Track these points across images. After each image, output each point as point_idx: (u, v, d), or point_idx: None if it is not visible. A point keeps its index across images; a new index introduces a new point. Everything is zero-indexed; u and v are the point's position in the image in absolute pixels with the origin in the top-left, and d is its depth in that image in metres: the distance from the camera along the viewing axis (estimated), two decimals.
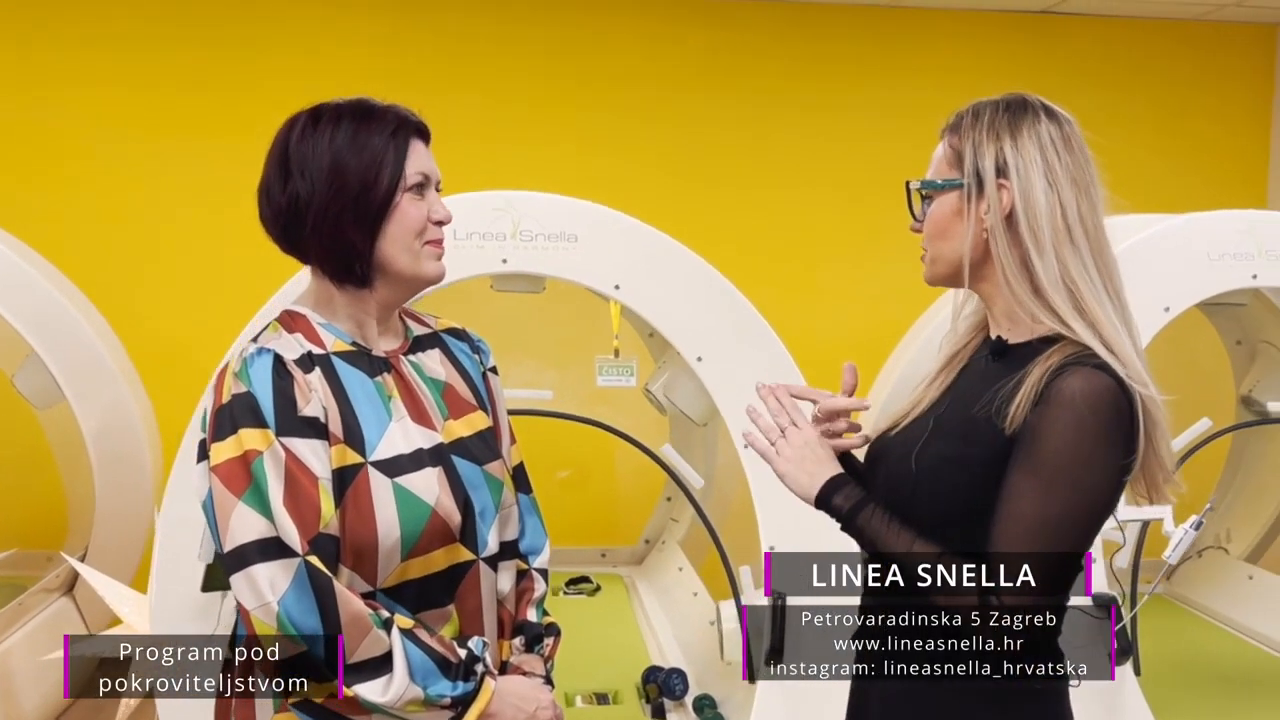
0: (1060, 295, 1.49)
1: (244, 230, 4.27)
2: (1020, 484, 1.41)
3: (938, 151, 1.58)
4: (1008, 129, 1.53)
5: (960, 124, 1.56)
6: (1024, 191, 1.51)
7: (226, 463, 1.35)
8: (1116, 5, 4.11)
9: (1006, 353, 1.54)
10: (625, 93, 4.16)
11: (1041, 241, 1.50)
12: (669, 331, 2.53)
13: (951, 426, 1.51)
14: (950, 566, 1.42)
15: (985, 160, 1.52)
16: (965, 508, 1.46)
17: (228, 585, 2.14)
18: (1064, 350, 1.47)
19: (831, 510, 1.48)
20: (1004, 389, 1.47)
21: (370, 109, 1.46)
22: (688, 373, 2.57)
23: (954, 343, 1.67)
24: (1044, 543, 1.40)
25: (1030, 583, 1.40)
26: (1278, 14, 4.20)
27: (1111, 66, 4.29)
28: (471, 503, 1.45)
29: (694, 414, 2.62)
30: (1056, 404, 1.41)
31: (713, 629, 2.97)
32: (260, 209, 1.48)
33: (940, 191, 1.55)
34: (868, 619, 1.62)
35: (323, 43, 4.07)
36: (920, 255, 1.67)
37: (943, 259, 1.56)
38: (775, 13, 4.16)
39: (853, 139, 4.23)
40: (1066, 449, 1.40)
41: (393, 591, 1.41)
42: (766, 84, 4.19)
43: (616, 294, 2.55)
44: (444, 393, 1.52)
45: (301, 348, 1.43)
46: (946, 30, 4.21)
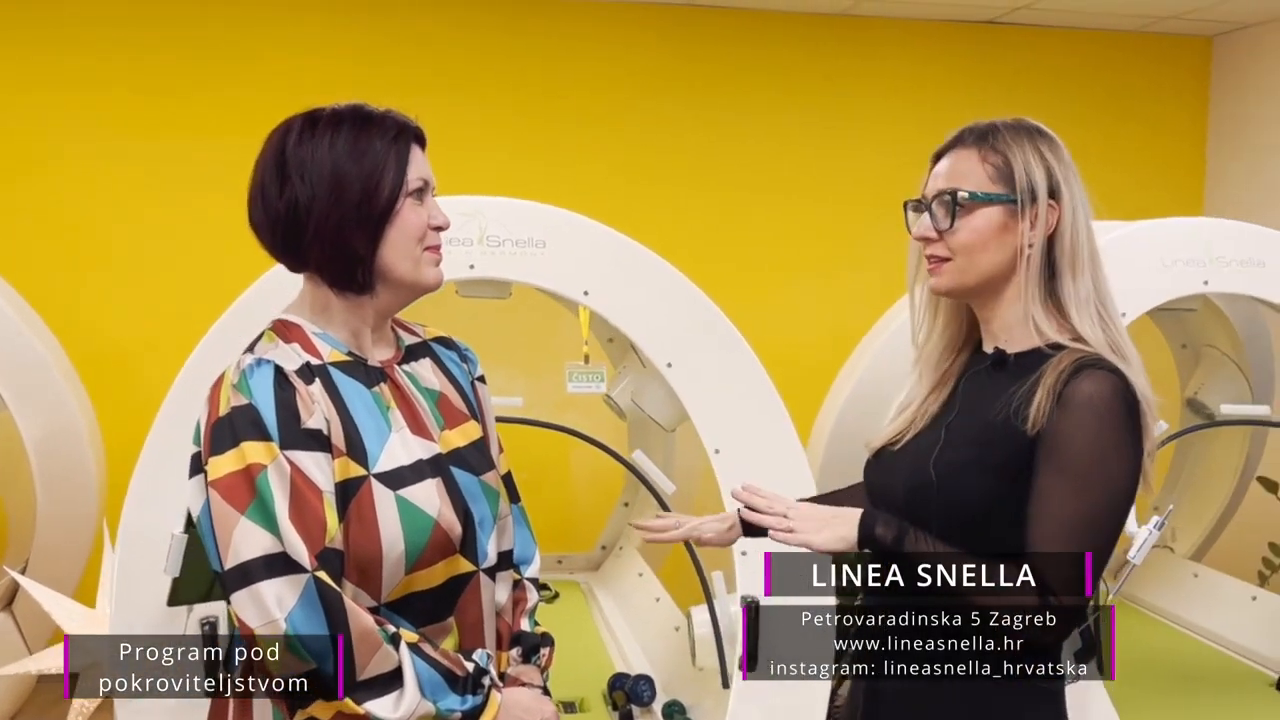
0: (1085, 314, 1.54)
1: (194, 234, 4.21)
2: (1051, 485, 1.45)
3: (965, 164, 1.58)
4: (1050, 151, 1.58)
5: (995, 139, 1.58)
6: (1071, 214, 1.55)
7: (228, 477, 1.31)
8: (1060, 17, 4.19)
9: (1007, 362, 1.58)
10: (593, 99, 4.15)
11: (1078, 263, 1.55)
12: (638, 337, 2.52)
13: (967, 434, 1.54)
14: (1004, 571, 1.44)
15: (1038, 178, 1.55)
16: (987, 509, 1.49)
17: (196, 599, 2.10)
18: (1073, 354, 1.51)
19: (876, 542, 1.48)
20: (1019, 393, 1.50)
21: (369, 114, 1.44)
22: (657, 379, 2.56)
23: (935, 362, 1.69)
24: (1081, 539, 1.44)
25: (1079, 578, 1.44)
26: (1213, 26, 4.31)
27: (1055, 76, 4.37)
28: (471, 514, 1.43)
29: (663, 420, 2.62)
30: (1076, 406, 1.45)
31: (679, 634, 2.97)
32: (252, 214, 1.44)
33: (986, 204, 1.57)
34: (867, 619, 1.63)
35: (278, 47, 4.00)
36: (917, 261, 1.68)
37: (976, 270, 1.58)
38: (738, 20, 4.18)
39: (812, 145, 4.27)
40: (1092, 448, 1.44)
41: (396, 605, 1.38)
42: (729, 91, 4.21)
43: (585, 300, 2.53)
44: (438, 402, 1.50)
45: (300, 358, 1.40)
46: (898, 39, 4.26)
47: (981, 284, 1.59)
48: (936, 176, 1.62)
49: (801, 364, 3.25)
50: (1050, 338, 1.55)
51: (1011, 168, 1.55)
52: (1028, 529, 1.46)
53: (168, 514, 2.23)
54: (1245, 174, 4.34)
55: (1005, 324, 1.59)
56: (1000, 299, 1.59)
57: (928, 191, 1.63)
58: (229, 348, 2.37)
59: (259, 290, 2.41)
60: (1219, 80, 4.45)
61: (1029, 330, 1.57)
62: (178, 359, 2.39)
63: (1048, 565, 1.43)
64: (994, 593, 1.44)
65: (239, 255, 3.82)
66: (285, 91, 3.92)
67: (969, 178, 1.58)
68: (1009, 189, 1.55)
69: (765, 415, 2.51)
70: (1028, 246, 1.55)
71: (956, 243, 1.58)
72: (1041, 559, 1.44)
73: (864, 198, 4.26)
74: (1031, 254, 1.55)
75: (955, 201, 1.56)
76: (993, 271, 1.57)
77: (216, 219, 3.81)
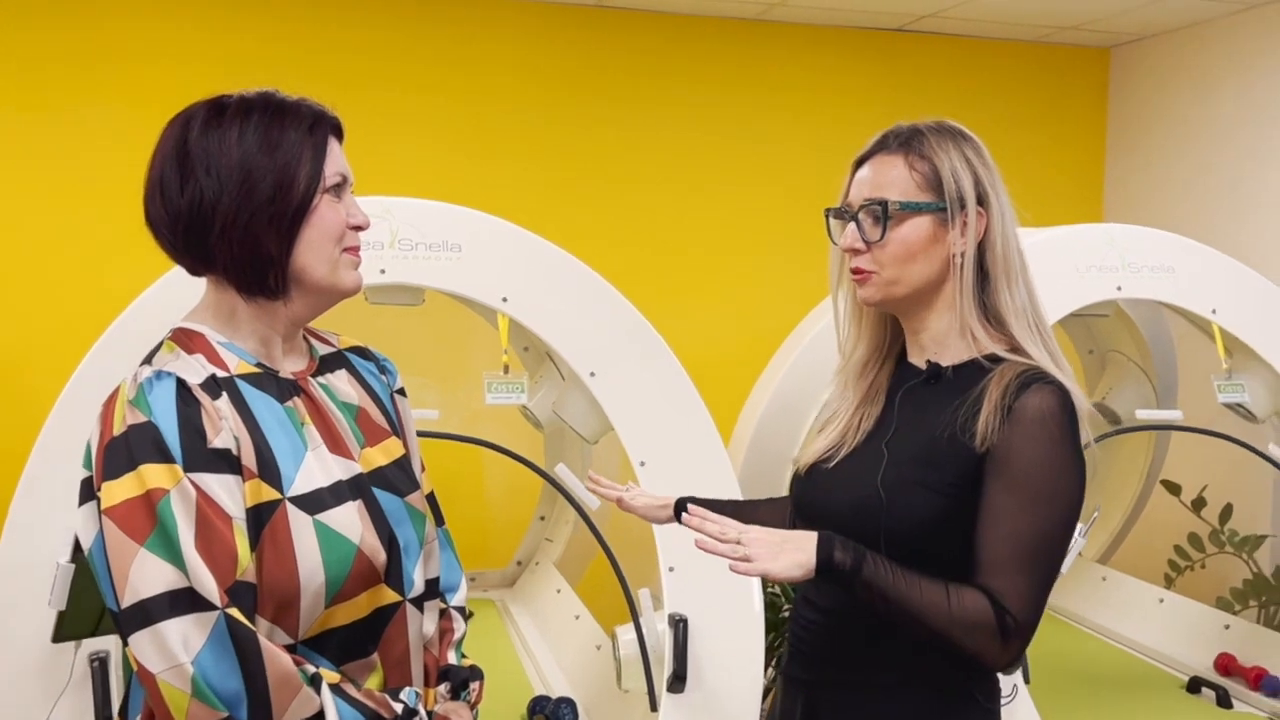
0: (1021, 322, 1.49)
1: (79, 235, 3.95)
2: (1003, 504, 1.40)
3: (891, 170, 1.52)
4: (976, 156, 1.52)
5: (920, 145, 1.52)
6: (1000, 220, 1.50)
7: (124, 504, 1.16)
8: (965, 26, 4.23)
9: (942, 376, 1.53)
10: (508, 99, 4.03)
11: (1011, 270, 1.50)
12: (561, 346, 2.42)
13: (911, 451, 1.49)
14: (965, 597, 1.39)
15: (965, 185, 1.49)
16: (937, 528, 1.44)
17: (85, 634, 1.93)
18: (1015, 367, 1.46)
19: (835, 568, 1.41)
20: (962, 409, 1.45)
21: (282, 103, 1.31)
22: (580, 389, 2.47)
23: (859, 372, 1.63)
24: (1035, 557, 1.40)
25: (1036, 597, 1.40)
26: (1111, 38, 4.40)
27: (959, 84, 4.41)
28: (396, 539, 1.31)
29: (586, 431, 2.52)
30: (1024, 422, 1.41)
31: (600, 654, 2.87)
32: (149, 211, 1.30)
33: (915, 213, 1.50)
34: (806, 626, 1.58)
35: (171, 38, 3.79)
36: (839, 269, 1.62)
37: (906, 282, 1.52)
38: (654, 23, 4.11)
39: (728, 149, 4.22)
40: (1042, 464, 1.40)
41: (315, 642, 1.25)
42: (645, 94, 4.14)
43: (504, 307, 2.42)
44: (357, 417, 1.38)
45: (204, 370, 1.26)
46: (810, 45, 4.25)
47: (911, 295, 1.53)
48: (860, 183, 1.55)
49: (718, 371, 3.18)
50: (987, 349, 1.50)
51: (939, 174, 1.50)
52: (979, 547, 1.41)
53: (52, 541, 2.06)
54: (1142, 181, 4.43)
55: (935, 335, 1.55)
56: (930, 310, 1.54)
57: (852, 199, 1.56)
58: (120, 360, 2.21)
59: (153, 296, 2.25)
60: (1116, 90, 4.54)
61: (964, 341, 1.52)
62: (62, 372, 2.21)
63: (1005, 586, 1.39)
64: (954, 619, 1.39)
65: (129, 257, 3.64)
66: (170, 81, 3.73)
67: (895, 185, 1.52)
68: (937, 196, 1.50)
69: (691, 426, 2.43)
70: (959, 255, 1.50)
71: (886, 255, 1.52)
72: (999, 579, 1.40)
73: (778, 202, 4.23)
74: (964, 263, 1.50)
75: (886, 212, 1.50)
76: (922, 282, 1.52)
77: (106, 218, 3.60)
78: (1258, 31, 3.84)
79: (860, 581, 1.39)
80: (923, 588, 1.39)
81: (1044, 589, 1.41)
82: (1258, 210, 3.83)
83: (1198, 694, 3.01)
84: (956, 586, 1.40)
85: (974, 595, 1.39)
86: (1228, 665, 3.06)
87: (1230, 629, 3.16)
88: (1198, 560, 3.44)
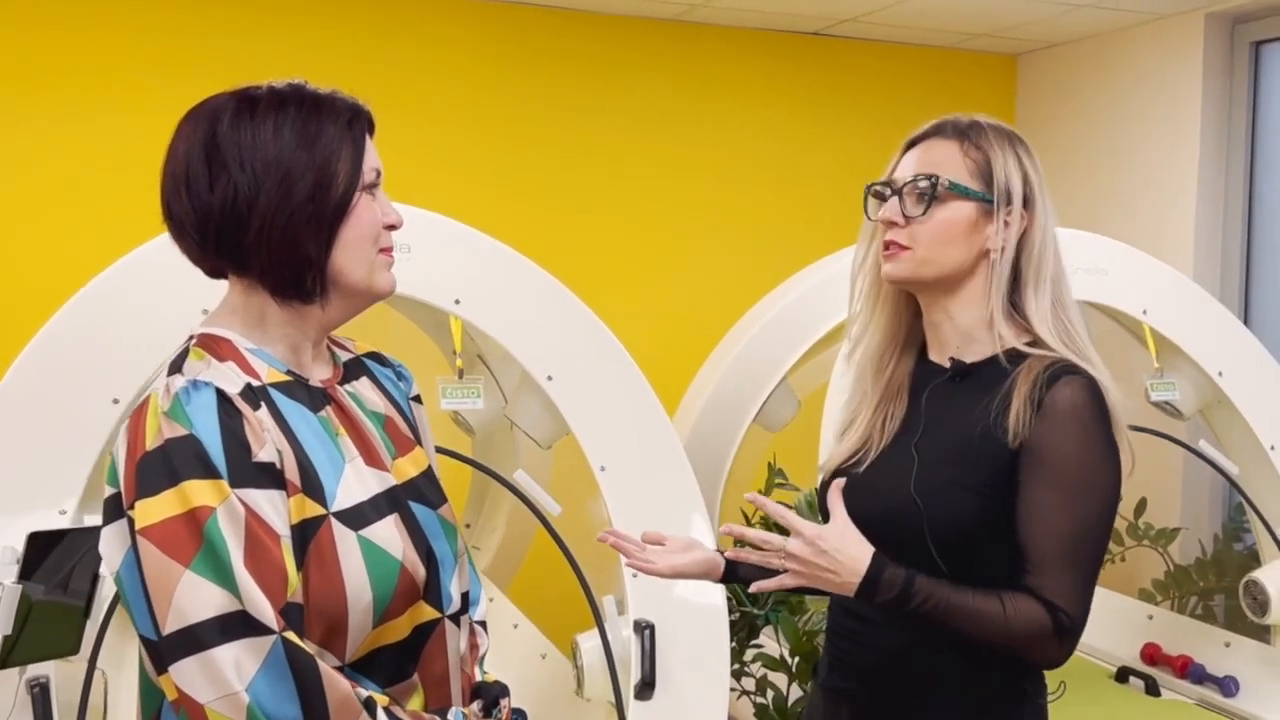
0: (1045, 326, 1.49)
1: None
2: (1043, 500, 1.40)
3: (944, 154, 1.51)
4: (1029, 159, 1.53)
5: (977, 136, 1.52)
6: (1042, 224, 1.51)
7: (165, 523, 1.08)
8: (881, 30, 4.29)
9: (968, 373, 1.52)
10: (438, 99, 3.92)
11: (1042, 275, 1.50)
12: (517, 349, 2.36)
13: (943, 452, 1.48)
14: (1016, 607, 1.39)
15: (1014, 183, 1.49)
16: (976, 527, 1.43)
17: (33, 659, 1.80)
18: (1042, 360, 1.46)
19: (878, 604, 1.39)
20: (993, 406, 1.45)
21: (316, 96, 1.24)
22: (534, 393, 2.41)
23: (875, 361, 1.62)
24: (1080, 552, 1.40)
25: (1084, 591, 1.40)
26: (1019, 45, 4.51)
27: (874, 88, 4.46)
28: (434, 553, 1.25)
29: (540, 436, 2.46)
30: (1058, 415, 1.41)
31: (546, 663, 2.82)
32: (173, 208, 1.21)
33: (962, 197, 1.50)
34: (848, 639, 1.56)
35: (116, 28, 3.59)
36: (867, 247, 1.60)
37: (938, 263, 1.51)
38: (582, 23, 4.06)
39: (651, 147, 4.19)
40: (1081, 458, 1.41)
41: (361, 664, 1.18)
42: (574, 92, 4.08)
43: (456, 309, 2.35)
44: (385, 427, 1.31)
45: (240, 379, 1.18)
46: (729, 46, 4.25)
47: (938, 280, 1.53)
48: (909, 163, 1.55)
49: (670, 365, 3.16)
50: (1009, 344, 1.50)
51: (991, 167, 1.50)
52: (1024, 546, 1.41)
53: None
54: (1049, 186, 4.55)
55: (959, 328, 1.54)
56: (954, 299, 1.54)
57: (898, 175, 1.55)
58: (52, 367, 2.08)
59: (95, 295, 2.13)
60: (1024, 96, 4.66)
61: (988, 335, 1.52)
62: None
63: (1054, 585, 1.39)
64: (1012, 631, 1.39)
65: (59, 256, 3.43)
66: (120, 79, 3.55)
67: (947, 166, 1.51)
68: (986, 187, 1.50)
69: (651, 430, 2.40)
70: (997, 250, 1.50)
71: (924, 232, 1.51)
72: (1047, 579, 1.39)
73: (698, 204, 4.22)
74: (1000, 258, 1.50)
75: (934, 189, 1.50)
76: (953, 268, 1.51)
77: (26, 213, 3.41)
78: (1157, 43, 3.98)
79: (909, 611, 1.38)
80: (975, 605, 1.38)
81: (1091, 582, 1.42)
82: (1159, 214, 3.97)
83: (1126, 683, 3.10)
84: (1010, 595, 1.39)
85: (1027, 602, 1.38)
86: (1153, 655, 3.16)
87: (1154, 619, 3.26)
88: (1118, 554, 3.54)
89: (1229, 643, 3.02)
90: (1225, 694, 2.92)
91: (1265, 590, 2.78)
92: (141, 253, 2.16)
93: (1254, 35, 3.80)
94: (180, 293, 2.11)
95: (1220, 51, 3.84)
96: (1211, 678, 2.97)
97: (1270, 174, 3.83)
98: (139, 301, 2.14)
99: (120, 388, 2.11)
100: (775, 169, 4.33)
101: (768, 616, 2.70)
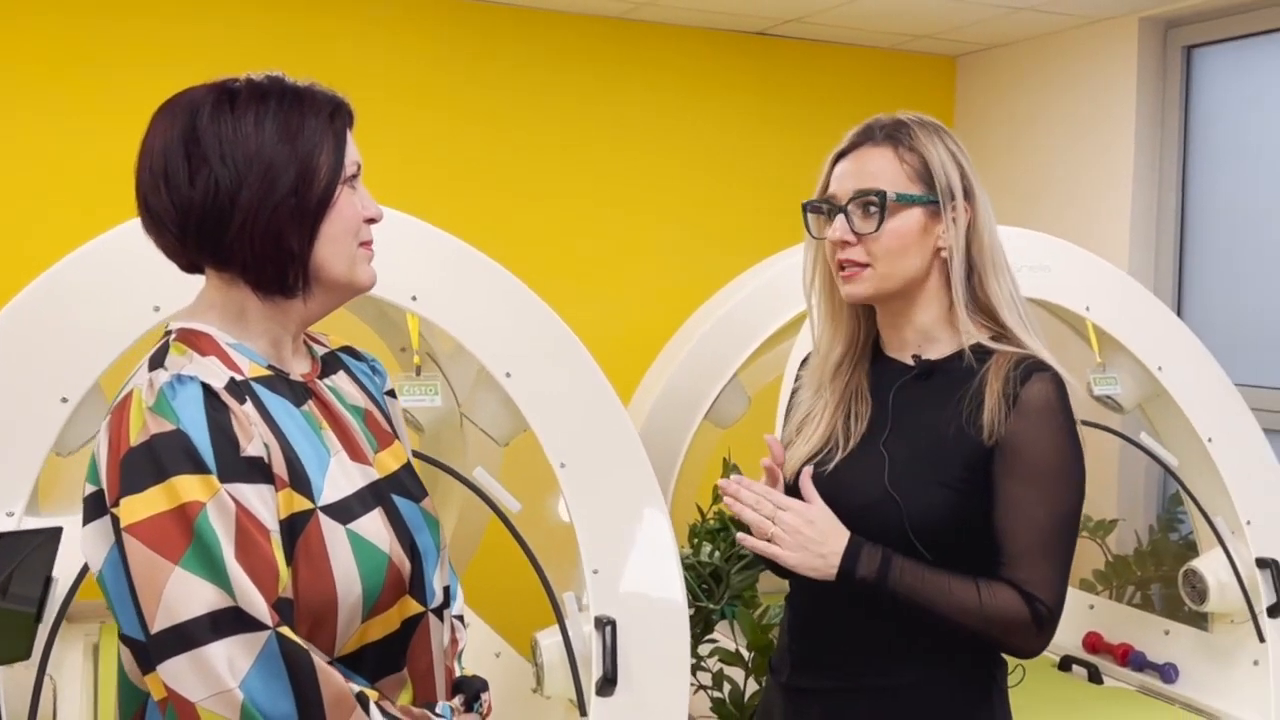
0: (1012, 312, 1.51)
1: None
2: (1020, 495, 1.43)
3: (880, 162, 1.52)
4: (958, 149, 1.54)
5: (909, 137, 1.53)
6: (984, 211, 1.53)
7: (152, 519, 1.06)
8: (824, 31, 4.33)
9: (933, 371, 1.54)
10: (381, 91, 3.88)
11: (998, 261, 1.53)
12: (475, 346, 2.34)
13: (915, 450, 1.49)
14: (993, 595, 1.41)
15: (954, 178, 1.51)
16: (952, 522, 1.45)
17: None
18: (1009, 357, 1.49)
19: (857, 585, 1.40)
20: (965, 403, 1.47)
21: (296, 89, 1.22)
22: (492, 390, 2.40)
23: (835, 371, 1.63)
24: (1056, 542, 1.44)
25: (1060, 581, 1.43)
26: (958, 47, 4.59)
27: (816, 88, 4.51)
28: (417, 547, 1.25)
29: (498, 433, 2.45)
30: (1032, 413, 1.44)
31: (500, 661, 2.81)
32: (154, 203, 1.20)
33: (908, 205, 1.51)
34: (807, 639, 1.57)
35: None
36: (814, 265, 1.61)
37: (898, 275, 1.52)
38: (529, 20, 4.05)
39: (599, 145, 4.19)
40: (1053, 453, 1.44)
41: (350, 660, 1.18)
42: (518, 89, 4.06)
43: (413, 306, 2.33)
44: (365, 420, 1.31)
45: (224, 374, 1.17)
46: (675, 43, 4.27)
47: (900, 289, 1.54)
48: (845, 176, 1.55)
49: (625, 359, 3.17)
50: (973, 339, 1.53)
51: (930, 167, 1.51)
52: (1001, 539, 1.44)
53: None
54: (987, 186, 4.63)
55: (920, 328, 1.56)
56: (914, 303, 1.55)
57: (838, 191, 1.55)
58: None
59: (39, 290, 2.07)
60: (963, 97, 4.74)
61: (951, 333, 1.54)
62: None
63: (1032, 576, 1.42)
64: (988, 618, 1.41)
65: (6, 253, 3.34)
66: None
67: (886, 177, 1.51)
68: (928, 189, 1.51)
69: (610, 426, 2.40)
70: (949, 248, 1.52)
71: (879, 247, 1.51)
72: (1025, 570, 1.42)
73: (648, 201, 4.23)
74: (955, 256, 1.52)
75: (883, 204, 1.50)
76: (912, 275, 1.53)
77: None
78: (1093, 46, 4.08)
79: (885, 593, 1.40)
80: (952, 591, 1.40)
81: (1066, 571, 1.45)
82: (1095, 212, 4.07)
83: (1069, 671, 3.17)
84: (986, 583, 1.41)
85: (1004, 590, 1.41)
86: (1095, 643, 3.23)
87: (1095, 609, 3.34)
88: None
89: (1168, 630, 3.10)
90: (1165, 680, 2.99)
91: (1204, 579, 2.86)
92: (91, 247, 2.12)
93: (1186, 39, 3.91)
94: (131, 288, 2.08)
95: (1154, 55, 3.94)
96: (1152, 665, 3.05)
97: (1202, 174, 3.94)
98: (88, 297, 2.09)
99: (68, 386, 2.06)
100: (725, 167, 4.35)
101: (723, 611, 2.72)
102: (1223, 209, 3.89)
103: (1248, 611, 2.75)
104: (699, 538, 2.84)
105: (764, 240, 3.54)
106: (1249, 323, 3.78)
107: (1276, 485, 2.85)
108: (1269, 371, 3.67)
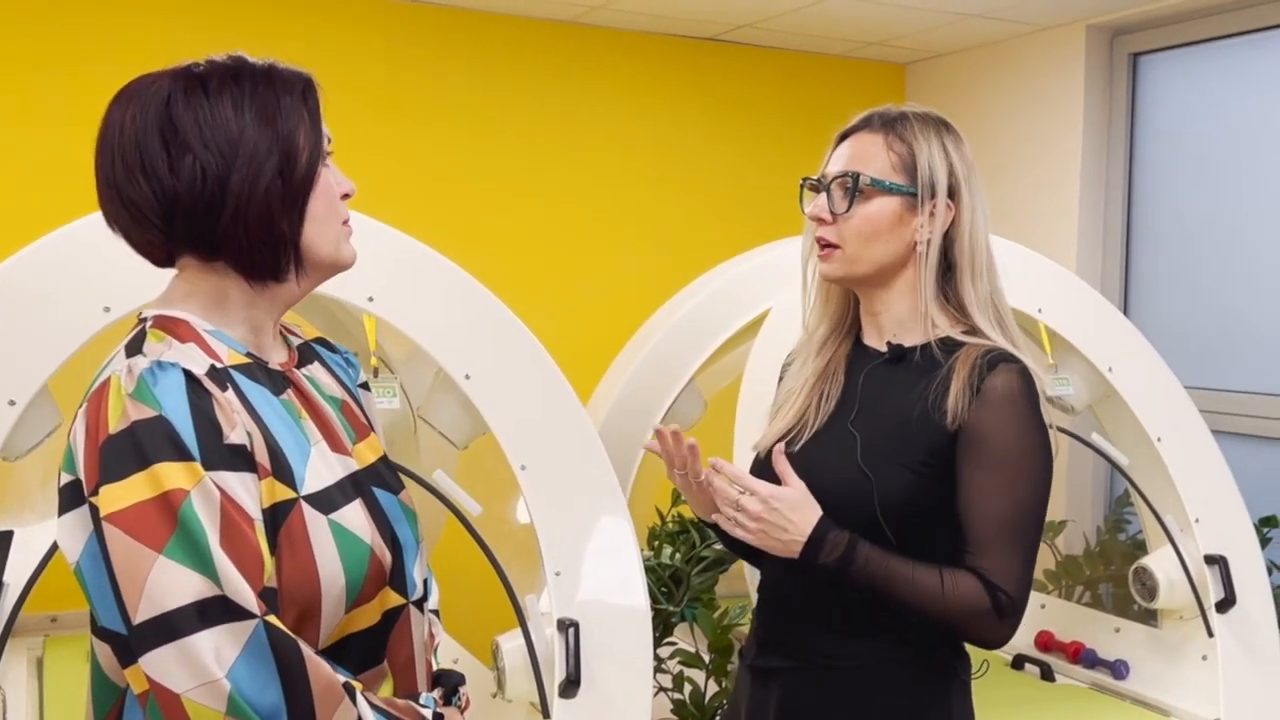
0: (983, 314, 1.53)
1: None
2: (982, 484, 1.44)
3: (869, 148, 1.55)
4: (955, 149, 1.56)
5: (903, 128, 1.55)
6: (970, 217, 1.54)
7: (134, 508, 1.04)
8: (775, 37, 4.36)
9: (904, 357, 1.56)
10: (362, 97, 3.85)
11: (977, 264, 1.54)
12: (433, 348, 2.32)
13: (881, 432, 1.51)
14: (955, 584, 1.41)
15: (939, 175, 1.52)
16: (918, 505, 1.46)
17: None
18: (977, 348, 1.51)
19: (819, 569, 1.41)
20: (932, 389, 1.48)
21: (265, 69, 1.20)
22: (451, 392, 2.38)
23: (819, 348, 1.65)
24: (1019, 533, 1.45)
25: (1024, 572, 1.44)
26: (908, 54, 4.64)
27: (767, 94, 4.53)
28: (398, 538, 1.24)
29: (456, 436, 2.43)
30: (993, 402, 1.45)
31: (460, 667, 2.78)
32: (131, 195, 1.16)
33: (885, 193, 1.52)
34: (772, 619, 1.57)
35: None
36: (810, 241, 1.62)
37: (867, 260, 1.54)
38: (481, 23, 4.03)
39: (555, 147, 4.18)
40: (1017, 443, 1.45)
41: (333, 651, 1.16)
42: (477, 92, 4.05)
43: (370, 307, 2.30)
44: (343, 411, 1.30)
45: (205, 360, 1.15)
46: (627, 48, 4.27)
47: (871, 275, 1.56)
48: (838, 157, 1.58)
49: (587, 360, 3.16)
50: (944, 333, 1.55)
51: (915, 159, 1.53)
52: (965, 527, 1.45)
53: None
54: None
55: (894, 317, 1.58)
56: (889, 291, 1.57)
57: (828, 171, 1.58)
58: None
59: None
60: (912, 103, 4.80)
61: (922, 325, 1.56)
62: None
63: (995, 565, 1.43)
64: (950, 606, 1.42)
65: None
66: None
67: (870, 162, 1.55)
68: (909, 180, 1.53)
69: (570, 428, 2.39)
70: (923, 243, 1.54)
71: (849, 229, 1.54)
72: (987, 560, 1.44)
73: (604, 205, 4.23)
74: (927, 251, 1.54)
75: (856, 185, 1.53)
76: (884, 262, 1.55)
77: None
78: (1041, 53, 4.14)
79: (847, 577, 1.40)
80: (914, 575, 1.41)
81: (1030, 563, 1.47)
82: (1043, 216, 4.13)
83: (1022, 669, 3.20)
84: (951, 572, 1.43)
85: (967, 579, 1.42)
86: (1047, 642, 3.27)
87: (1046, 608, 3.37)
88: None
89: (1119, 628, 3.14)
90: (1116, 677, 3.03)
91: (1154, 576, 2.90)
92: (38, 246, 2.07)
93: (1132, 47, 3.99)
94: (80, 288, 2.04)
95: (1101, 62, 4.01)
96: (1103, 662, 3.09)
97: (1148, 178, 4.01)
98: (36, 297, 2.04)
99: (16, 389, 2.01)
100: (680, 172, 4.36)
101: (683, 613, 2.71)
102: (1168, 213, 3.97)
103: (1197, 608, 2.79)
104: (659, 540, 2.83)
105: (722, 244, 3.55)
106: (1194, 325, 3.85)
107: (1224, 484, 2.90)
108: (1210, 374, 3.75)
